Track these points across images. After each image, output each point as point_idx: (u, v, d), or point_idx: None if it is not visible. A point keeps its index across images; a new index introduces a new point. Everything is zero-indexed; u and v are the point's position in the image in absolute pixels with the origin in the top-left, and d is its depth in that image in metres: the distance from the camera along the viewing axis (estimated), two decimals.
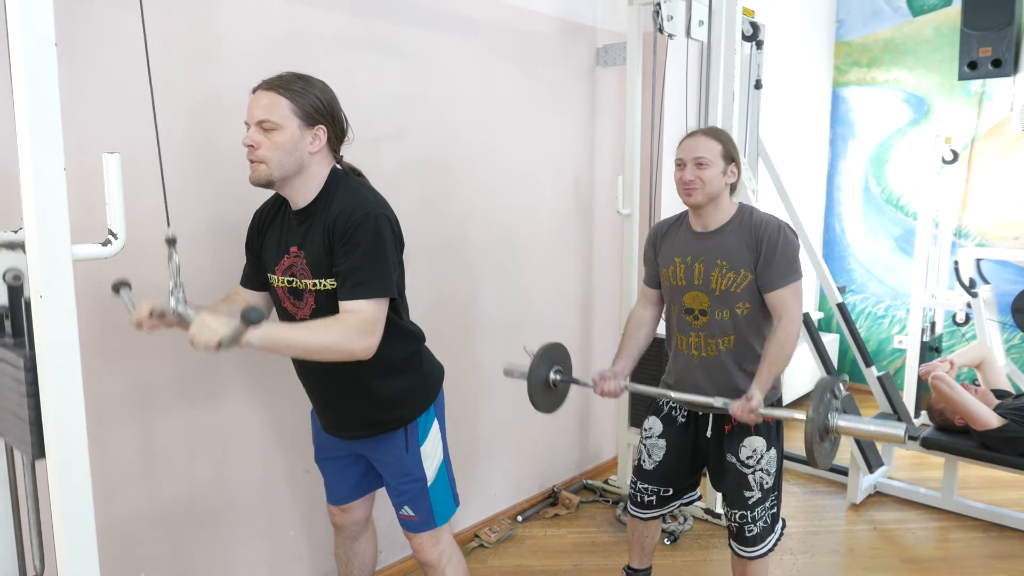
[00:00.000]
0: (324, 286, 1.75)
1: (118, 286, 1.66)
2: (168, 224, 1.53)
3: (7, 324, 1.51)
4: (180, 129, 2.02)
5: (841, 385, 2.00)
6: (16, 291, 1.49)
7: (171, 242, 1.54)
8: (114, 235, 1.31)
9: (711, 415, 2.22)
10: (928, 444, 3.35)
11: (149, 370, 2.06)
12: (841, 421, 1.96)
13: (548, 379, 2.32)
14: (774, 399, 2.20)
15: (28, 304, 1.24)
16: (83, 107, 1.84)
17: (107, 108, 1.89)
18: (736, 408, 2.03)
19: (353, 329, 1.67)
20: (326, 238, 1.72)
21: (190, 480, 2.19)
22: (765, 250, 2.09)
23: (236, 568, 2.33)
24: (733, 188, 2.20)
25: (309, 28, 2.31)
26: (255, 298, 1.94)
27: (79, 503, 1.24)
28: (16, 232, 1.58)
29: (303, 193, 1.77)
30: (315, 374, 1.93)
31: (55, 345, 1.19)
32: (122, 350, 1.99)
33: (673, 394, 2.19)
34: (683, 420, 2.28)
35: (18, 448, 1.40)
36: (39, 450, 1.27)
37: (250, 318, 1.40)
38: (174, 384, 2.12)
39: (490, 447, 3.18)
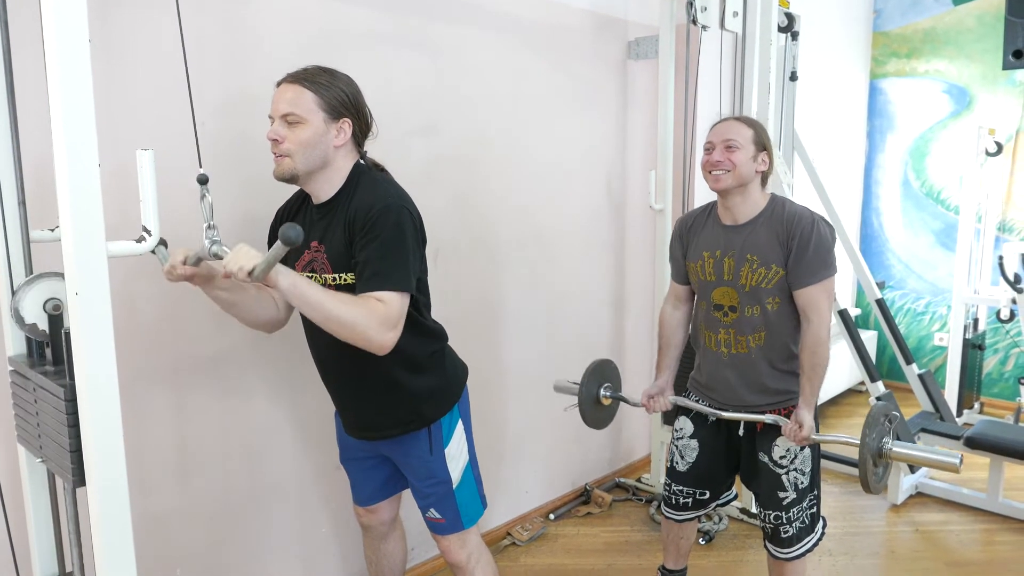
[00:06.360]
0: (344, 280, 1.73)
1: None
2: (200, 165, 1.50)
3: (48, 352, 1.52)
4: (211, 125, 2.02)
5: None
6: (56, 320, 1.50)
7: (203, 181, 1.49)
8: (148, 232, 1.31)
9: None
10: (972, 443, 3.26)
11: (182, 364, 2.07)
12: (895, 447, 1.97)
13: (598, 396, 2.35)
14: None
15: (68, 334, 1.24)
16: (115, 104, 1.85)
17: (138, 105, 1.90)
18: (787, 433, 2.04)
19: (377, 316, 1.61)
20: (347, 232, 1.70)
21: (223, 476, 2.20)
22: (797, 245, 2.01)
23: (269, 565, 2.34)
24: (764, 179, 2.13)
25: (341, 24, 2.30)
26: (279, 295, 1.93)
27: (118, 530, 1.26)
28: (53, 231, 1.60)
29: (326, 188, 1.76)
30: (335, 371, 1.90)
31: (92, 348, 1.19)
32: (156, 345, 2.01)
33: (724, 414, 2.16)
34: (714, 419, 2.22)
35: (59, 475, 1.41)
36: (79, 478, 1.28)
37: (289, 236, 1.33)
38: (207, 379, 2.13)
39: (521, 445, 3.16)
